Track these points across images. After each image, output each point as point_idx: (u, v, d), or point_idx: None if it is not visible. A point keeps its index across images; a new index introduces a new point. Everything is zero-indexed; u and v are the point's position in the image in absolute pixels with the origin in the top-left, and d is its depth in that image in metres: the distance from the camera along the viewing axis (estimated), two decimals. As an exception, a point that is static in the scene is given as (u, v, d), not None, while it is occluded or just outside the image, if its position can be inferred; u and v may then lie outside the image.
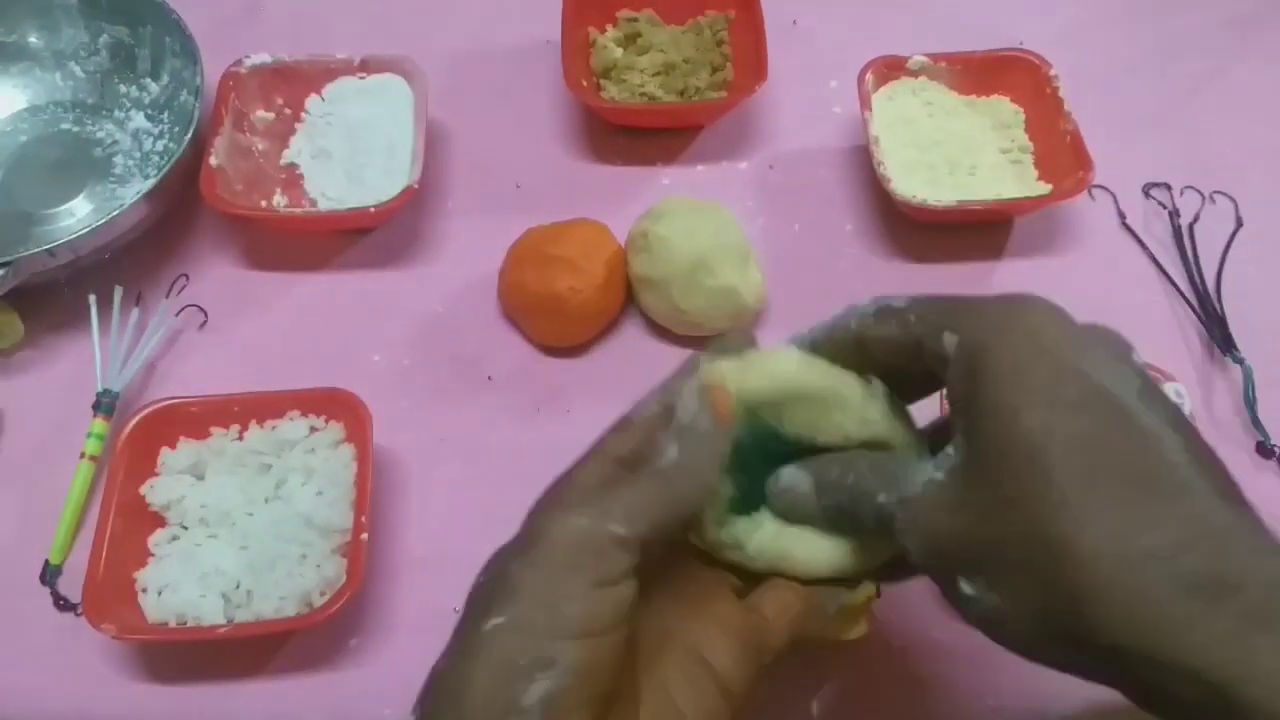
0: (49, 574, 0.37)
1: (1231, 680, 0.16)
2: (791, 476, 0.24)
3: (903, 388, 0.24)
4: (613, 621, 0.20)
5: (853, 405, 0.24)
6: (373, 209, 0.42)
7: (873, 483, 0.22)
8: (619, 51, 0.49)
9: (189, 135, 0.43)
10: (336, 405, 0.38)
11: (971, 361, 0.19)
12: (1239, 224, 0.45)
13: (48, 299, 0.42)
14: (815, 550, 0.24)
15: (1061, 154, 0.44)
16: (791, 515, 0.24)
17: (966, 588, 0.19)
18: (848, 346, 0.23)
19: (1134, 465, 0.18)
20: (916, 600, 0.35)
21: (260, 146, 0.46)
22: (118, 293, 0.42)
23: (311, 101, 0.47)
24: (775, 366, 0.24)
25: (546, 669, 0.19)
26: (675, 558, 0.24)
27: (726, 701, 0.22)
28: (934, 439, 0.24)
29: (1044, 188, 0.44)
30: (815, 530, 0.24)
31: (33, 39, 0.49)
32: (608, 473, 0.22)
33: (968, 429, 0.19)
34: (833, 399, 0.24)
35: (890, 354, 0.22)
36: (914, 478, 0.21)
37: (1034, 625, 0.18)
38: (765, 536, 0.25)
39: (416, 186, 0.42)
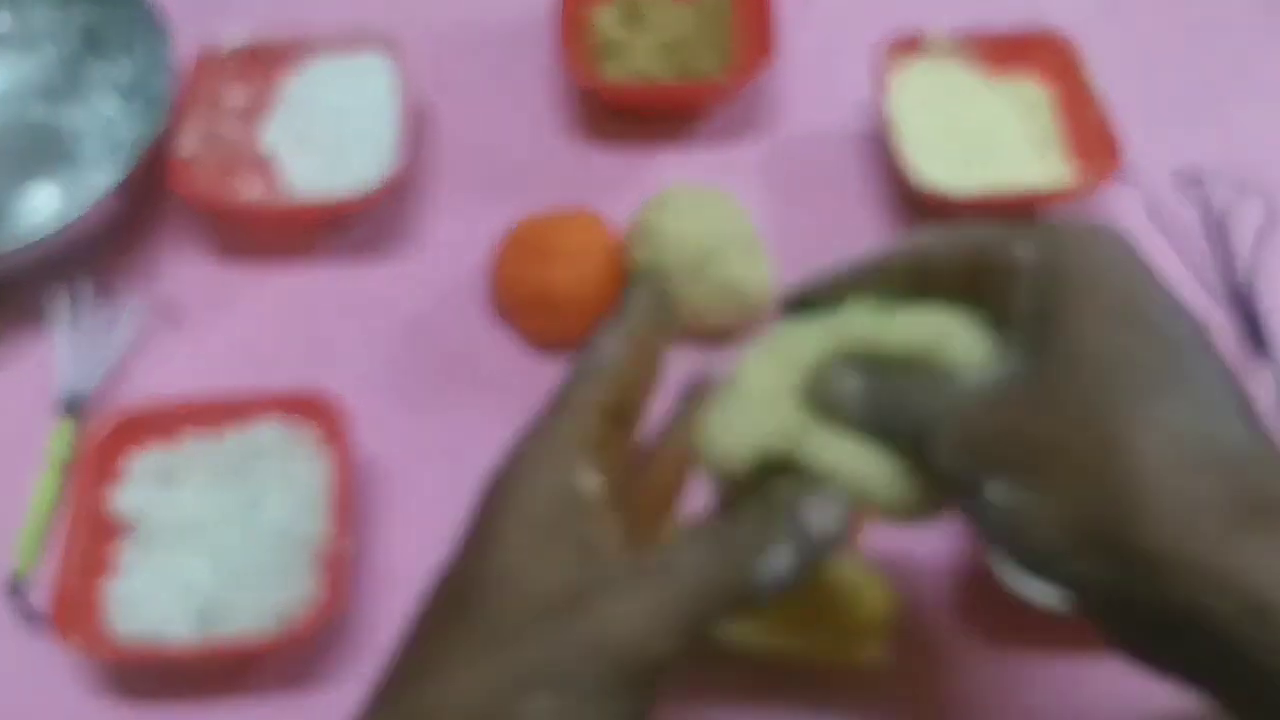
0: (15, 585, 0.35)
1: (1273, 593, 0.17)
2: (839, 371, 0.22)
3: None
4: None
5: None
6: (354, 199, 0.40)
7: (919, 387, 0.21)
8: (618, 30, 0.47)
9: (160, 121, 0.41)
10: (315, 408, 0.36)
11: (1051, 274, 0.20)
12: (1275, 217, 0.43)
13: (11, 295, 0.41)
14: (855, 457, 0.21)
15: (1090, 140, 0.42)
16: (832, 411, 0.22)
17: (994, 489, 0.19)
18: (902, 273, 0.22)
19: (1195, 394, 0.19)
20: (935, 620, 0.33)
21: (235, 132, 0.44)
22: (85, 288, 0.40)
23: (289, 84, 0.45)
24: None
25: None
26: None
27: None
28: None
29: (1071, 175, 0.43)
30: (854, 439, 0.22)
31: (2, 23, 0.47)
32: (593, 427, 0.21)
33: (1036, 337, 0.20)
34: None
35: (953, 272, 0.22)
36: (962, 383, 0.21)
37: (1067, 527, 0.18)
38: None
39: (401, 174, 0.41)
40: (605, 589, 0.18)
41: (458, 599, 0.20)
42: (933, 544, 0.35)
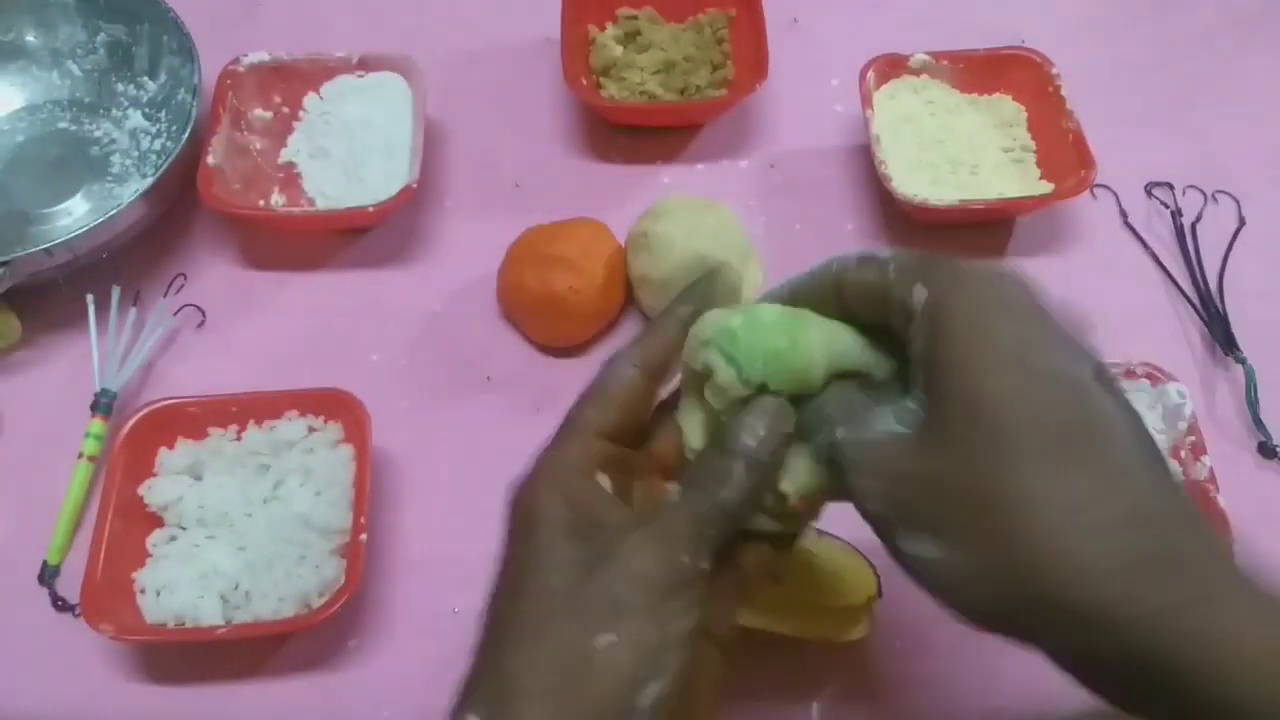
0: (47, 575, 0.37)
1: (1176, 646, 0.17)
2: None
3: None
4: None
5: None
6: (371, 208, 0.42)
7: (837, 414, 0.22)
8: (619, 49, 0.48)
9: (187, 134, 0.42)
10: (335, 405, 0.38)
11: (937, 318, 0.20)
12: (1241, 223, 0.45)
13: (45, 299, 0.42)
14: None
15: (1063, 153, 0.44)
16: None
17: (913, 543, 0.20)
18: (827, 291, 0.23)
19: (1088, 443, 0.18)
20: (917, 601, 0.35)
21: (258, 145, 0.46)
22: (115, 292, 0.42)
23: (309, 100, 0.47)
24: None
25: (659, 677, 0.20)
26: None
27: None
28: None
29: (1046, 187, 0.44)
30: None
31: (30, 37, 0.49)
32: (594, 450, 0.23)
33: (928, 384, 0.20)
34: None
35: (865, 303, 0.22)
36: (875, 424, 0.21)
37: (981, 583, 0.19)
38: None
39: (415, 186, 0.42)
40: (623, 537, 0.21)
41: (512, 593, 0.22)
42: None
